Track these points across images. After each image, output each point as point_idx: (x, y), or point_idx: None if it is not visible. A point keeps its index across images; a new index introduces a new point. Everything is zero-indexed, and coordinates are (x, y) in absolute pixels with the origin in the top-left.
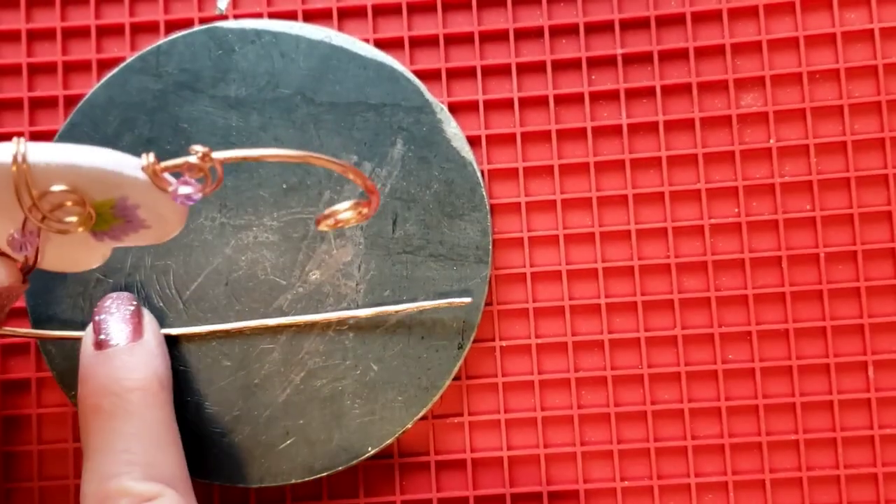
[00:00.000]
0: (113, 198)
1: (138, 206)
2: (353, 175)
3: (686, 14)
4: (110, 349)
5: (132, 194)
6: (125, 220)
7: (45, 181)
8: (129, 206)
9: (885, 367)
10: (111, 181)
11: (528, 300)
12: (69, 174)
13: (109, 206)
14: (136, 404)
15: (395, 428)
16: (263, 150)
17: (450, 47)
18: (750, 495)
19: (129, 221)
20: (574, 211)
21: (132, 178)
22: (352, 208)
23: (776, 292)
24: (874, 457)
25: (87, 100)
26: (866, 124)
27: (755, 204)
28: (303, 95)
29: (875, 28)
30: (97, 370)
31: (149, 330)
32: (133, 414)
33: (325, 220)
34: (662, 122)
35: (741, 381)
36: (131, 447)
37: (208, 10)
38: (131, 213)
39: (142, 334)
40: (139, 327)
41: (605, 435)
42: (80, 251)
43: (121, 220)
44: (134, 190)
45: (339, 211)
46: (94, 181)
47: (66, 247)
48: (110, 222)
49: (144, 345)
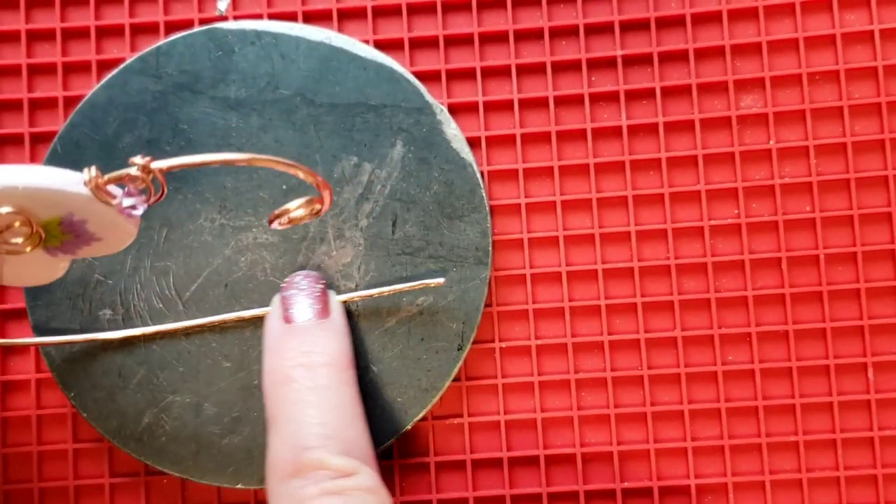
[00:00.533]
0: (59, 215)
1: (85, 220)
2: (302, 173)
3: (686, 15)
4: (299, 323)
5: (77, 210)
6: (74, 236)
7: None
8: (75, 222)
9: (884, 368)
10: (54, 199)
11: (527, 301)
12: (12, 196)
13: (56, 223)
14: (328, 379)
15: (394, 429)
16: (204, 156)
17: (450, 48)
18: (750, 497)
19: (78, 236)
20: (574, 212)
21: (74, 194)
22: (304, 206)
23: (776, 294)
24: (874, 458)
25: (86, 101)
26: (866, 126)
27: (755, 205)
28: (303, 97)
29: (875, 29)
30: (286, 341)
31: (335, 309)
32: (326, 388)
33: (278, 219)
34: (662, 124)
35: (741, 383)
36: (328, 421)
37: (208, 11)
38: (79, 228)
39: (329, 313)
40: (327, 306)
41: (604, 436)
42: (38, 266)
43: (70, 235)
44: (78, 205)
45: (291, 209)
46: (36, 201)
47: (24, 265)
48: (60, 238)
49: (332, 322)
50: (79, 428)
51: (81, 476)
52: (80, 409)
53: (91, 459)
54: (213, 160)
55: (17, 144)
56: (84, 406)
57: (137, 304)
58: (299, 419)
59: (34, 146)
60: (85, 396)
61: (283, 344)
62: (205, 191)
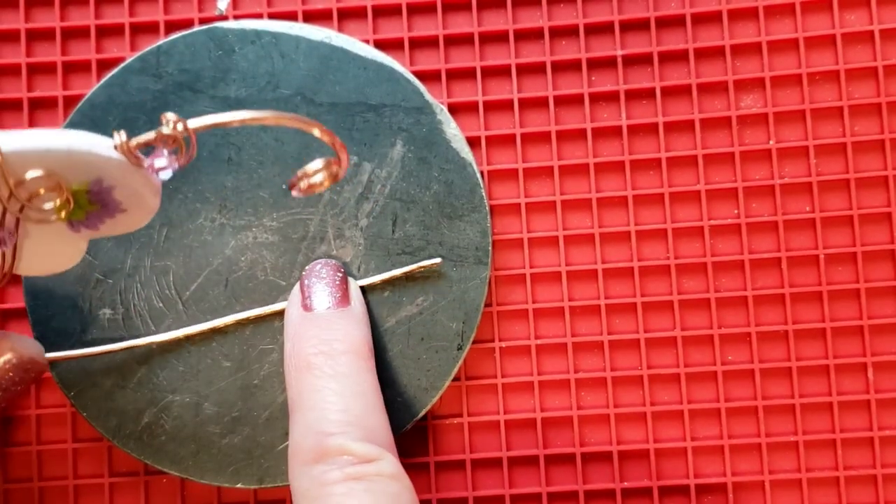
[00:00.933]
0: (88, 181)
1: (113, 187)
2: (318, 131)
3: (686, 15)
4: (319, 311)
5: (107, 175)
6: (101, 206)
7: (20, 169)
8: (104, 189)
9: (884, 368)
10: (85, 163)
11: (527, 301)
12: (43, 159)
13: (85, 190)
14: (349, 367)
15: (394, 428)
16: (234, 114)
17: (450, 48)
18: (749, 497)
19: (104, 206)
20: (574, 212)
21: (106, 158)
22: (323, 169)
23: (776, 294)
24: (874, 458)
25: (86, 100)
26: (866, 126)
27: (755, 205)
28: (303, 96)
29: (875, 29)
30: (307, 328)
31: (355, 298)
32: (347, 376)
33: (298, 183)
34: (662, 124)
35: (741, 383)
36: (349, 408)
37: (208, 11)
38: (107, 197)
39: (349, 302)
40: (347, 295)
41: (604, 436)
42: (57, 247)
43: (96, 205)
44: (109, 170)
45: (310, 172)
46: (68, 165)
47: (44, 245)
48: (86, 209)
49: (351, 311)
50: (78, 427)
51: (81, 475)
52: (79, 409)
53: (91, 459)
54: (240, 118)
55: None
56: (84, 405)
57: (137, 303)
58: (321, 406)
59: None
60: (84, 396)
61: (303, 331)
62: (205, 190)
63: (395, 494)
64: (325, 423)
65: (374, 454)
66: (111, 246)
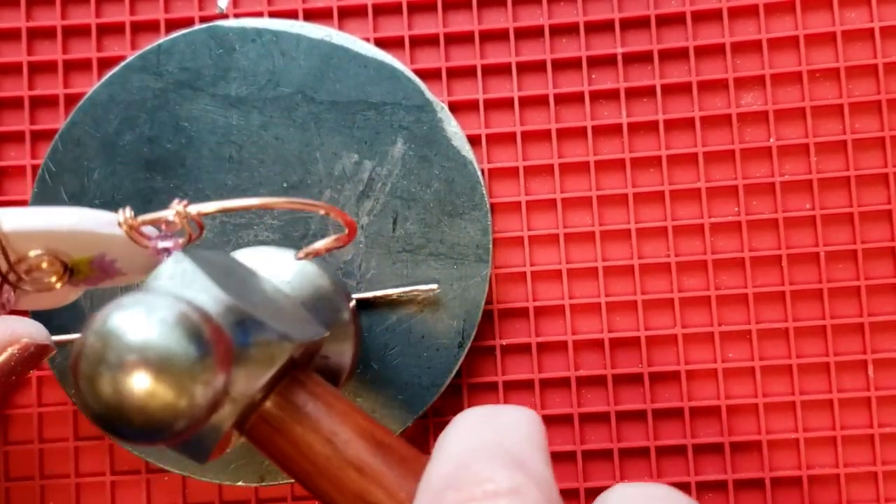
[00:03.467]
0: (91, 255)
1: (116, 259)
2: (334, 214)
3: (686, 13)
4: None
5: (109, 250)
6: (101, 272)
7: (22, 247)
8: (107, 262)
9: (884, 365)
10: (89, 241)
11: (528, 299)
12: (46, 238)
13: (87, 262)
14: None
15: (395, 426)
16: (244, 201)
17: (450, 46)
18: (750, 494)
19: (105, 272)
20: (574, 210)
21: (109, 236)
22: (331, 244)
23: (776, 291)
24: (874, 455)
25: (87, 98)
26: (866, 123)
27: (755, 203)
28: (303, 94)
29: (875, 27)
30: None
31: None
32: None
33: (306, 254)
34: (662, 121)
35: (741, 380)
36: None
37: (209, 9)
38: (109, 267)
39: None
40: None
41: (605, 434)
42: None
43: (97, 272)
44: (111, 246)
45: (321, 249)
46: (71, 242)
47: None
48: (87, 273)
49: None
50: (80, 425)
51: (83, 473)
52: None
53: (93, 456)
54: (252, 204)
55: (18, 141)
56: None
57: None
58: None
59: (35, 143)
60: None
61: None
62: (206, 188)
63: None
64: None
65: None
66: None
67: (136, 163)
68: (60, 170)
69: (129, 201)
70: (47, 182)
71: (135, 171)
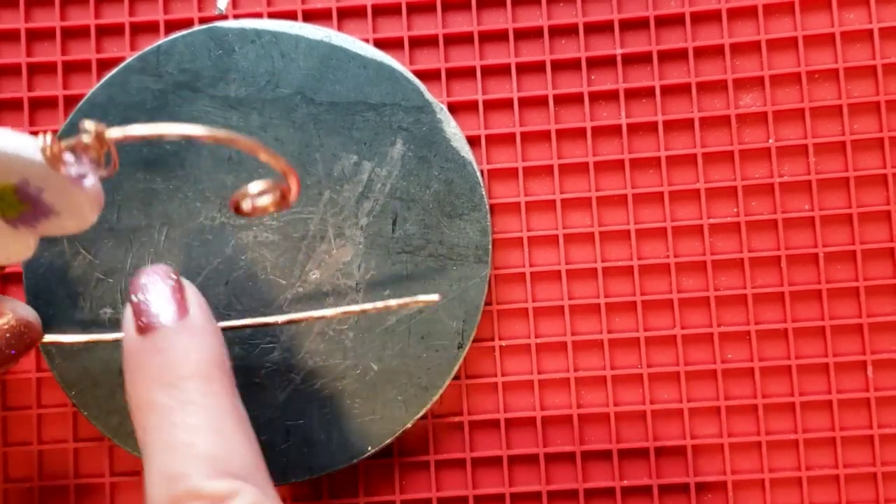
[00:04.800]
0: (13, 182)
1: (41, 189)
2: (264, 155)
3: (685, 14)
4: (156, 333)
5: (32, 178)
6: (31, 206)
7: None
8: (31, 191)
9: (884, 366)
10: (7, 164)
11: (527, 300)
12: None
13: (12, 190)
14: (195, 392)
15: (394, 427)
16: (158, 126)
17: (449, 47)
18: (749, 495)
19: (35, 207)
20: (573, 211)
21: (29, 160)
22: (268, 191)
23: (775, 292)
24: (873, 456)
25: (86, 100)
26: (865, 124)
27: (754, 204)
28: (303, 95)
29: (874, 28)
30: (146, 360)
31: (193, 304)
32: (193, 403)
33: (241, 203)
34: (662, 122)
35: (740, 381)
36: (197, 441)
37: (208, 10)
38: (35, 198)
39: (187, 311)
40: (183, 303)
41: (604, 434)
42: (5, 240)
43: (27, 205)
44: (33, 173)
45: (253, 193)
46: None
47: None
48: (17, 208)
49: (191, 322)
50: (80, 426)
51: (82, 474)
52: (80, 408)
53: (92, 458)
54: (170, 132)
55: None
56: (85, 404)
57: None
58: (168, 446)
59: None
60: (86, 394)
61: (140, 362)
62: (205, 189)
63: None
64: (172, 464)
65: (229, 490)
66: (112, 245)
67: (135, 164)
68: None
69: (130, 202)
70: None
71: (134, 171)
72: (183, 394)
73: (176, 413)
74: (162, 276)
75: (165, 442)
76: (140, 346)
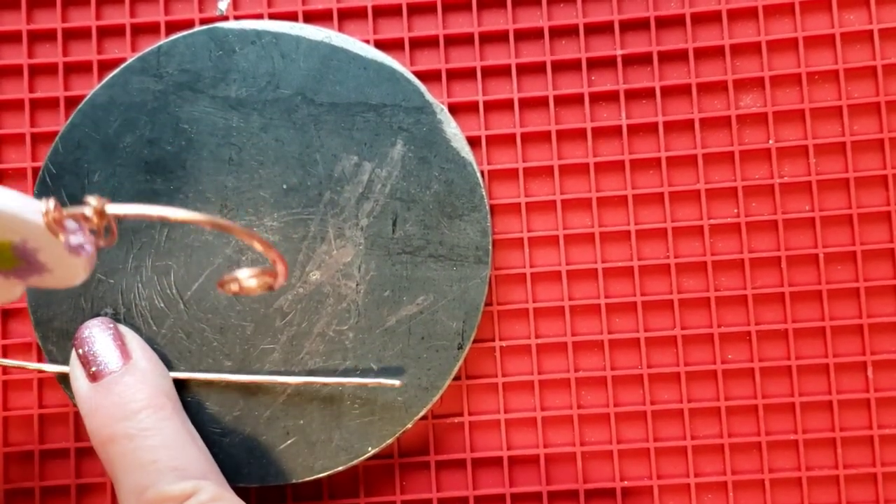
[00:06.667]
0: (11, 240)
1: (38, 250)
2: (259, 245)
3: (685, 15)
4: (106, 378)
5: (31, 238)
6: (26, 263)
7: None
8: (28, 250)
9: (884, 367)
10: (8, 223)
11: (527, 300)
12: None
13: (8, 246)
14: (149, 420)
15: (395, 428)
16: (166, 210)
17: (450, 48)
18: (749, 495)
19: (29, 264)
20: (574, 211)
21: (30, 222)
22: (256, 276)
23: (775, 293)
24: (873, 457)
25: (87, 101)
26: (865, 125)
27: (754, 204)
28: (303, 96)
29: (874, 29)
30: (101, 402)
31: (135, 347)
32: (149, 429)
33: (228, 285)
34: (662, 123)
35: (741, 381)
36: (158, 457)
37: (209, 11)
38: (31, 257)
39: (130, 355)
40: (125, 348)
41: (604, 435)
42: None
43: (22, 261)
44: (32, 234)
45: (242, 279)
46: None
47: None
48: (12, 263)
49: (136, 364)
50: (80, 427)
51: (83, 475)
52: None
53: (92, 459)
54: (173, 216)
55: (19, 144)
56: None
57: (139, 302)
58: (134, 467)
59: (35, 146)
60: None
61: (95, 404)
62: (206, 190)
63: None
64: (139, 480)
65: (190, 488)
66: (113, 246)
67: (136, 165)
68: (61, 172)
69: (130, 203)
70: (48, 184)
71: (135, 173)
72: (139, 423)
73: (136, 439)
74: (102, 327)
75: (131, 464)
76: (94, 392)
